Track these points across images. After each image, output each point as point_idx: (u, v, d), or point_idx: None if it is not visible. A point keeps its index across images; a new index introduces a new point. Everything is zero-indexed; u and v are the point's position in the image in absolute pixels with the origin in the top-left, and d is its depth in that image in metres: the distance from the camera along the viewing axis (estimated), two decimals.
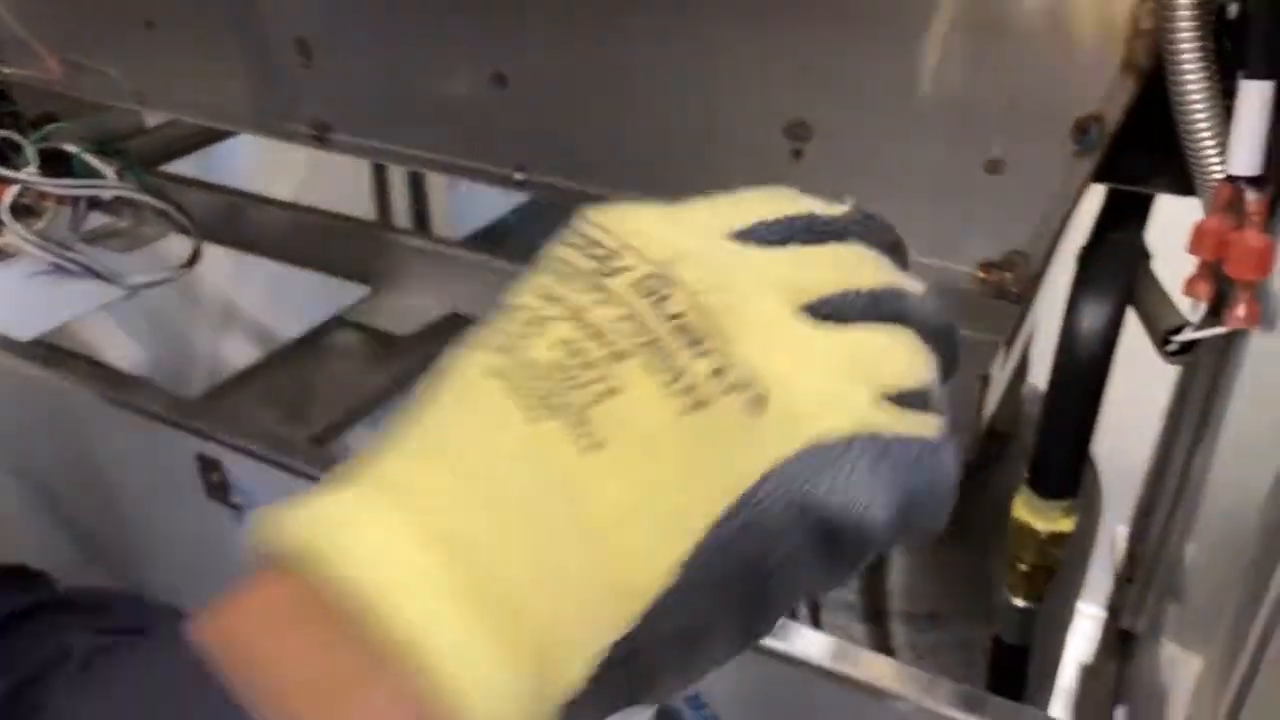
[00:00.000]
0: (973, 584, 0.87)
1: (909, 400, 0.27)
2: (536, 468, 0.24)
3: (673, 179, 0.58)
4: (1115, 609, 1.43)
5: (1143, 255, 0.52)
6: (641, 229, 0.27)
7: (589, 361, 0.25)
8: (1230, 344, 0.47)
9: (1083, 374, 0.50)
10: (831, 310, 0.28)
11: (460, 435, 0.25)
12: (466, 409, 0.25)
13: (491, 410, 0.25)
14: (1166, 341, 0.41)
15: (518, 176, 0.63)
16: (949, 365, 0.31)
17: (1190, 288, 0.39)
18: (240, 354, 0.84)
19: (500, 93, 0.61)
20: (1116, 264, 0.51)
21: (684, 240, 0.27)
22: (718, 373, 0.25)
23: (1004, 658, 0.61)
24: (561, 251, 0.28)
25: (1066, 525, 0.55)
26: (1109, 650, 1.43)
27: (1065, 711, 1.36)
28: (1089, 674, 1.42)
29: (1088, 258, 0.52)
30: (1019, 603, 0.59)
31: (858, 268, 0.29)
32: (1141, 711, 1.13)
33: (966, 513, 0.76)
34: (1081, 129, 0.47)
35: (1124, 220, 0.54)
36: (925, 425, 0.27)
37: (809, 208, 0.30)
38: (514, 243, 1.12)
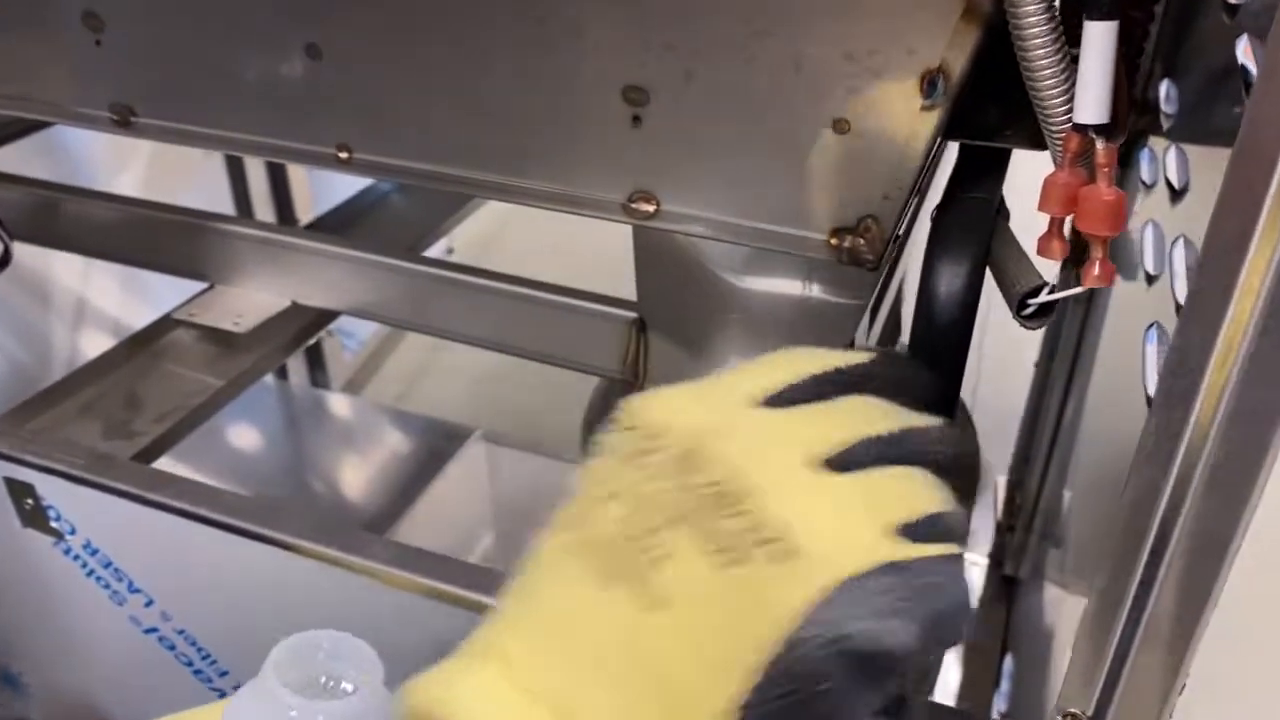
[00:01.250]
0: None
1: (924, 528, 0.31)
2: (610, 626, 0.29)
3: (509, 151, 0.54)
4: (998, 556, 1.47)
5: (1000, 214, 0.50)
6: (674, 411, 0.33)
7: (643, 532, 0.30)
8: (1094, 292, 0.46)
9: (941, 341, 0.48)
10: (849, 459, 0.32)
11: (547, 604, 0.31)
12: (549, 581, 0.31)
13: (571, 580, 0.30)
14: (1023, 306, 0.39)
15: (341, 156, 0.58)
16: (969, 487, 0.36)
17: (1043, 247, 0.37)
18: (59, 363, 0.76)
19: (315, 66, 0.55)
20: (971, 223, 0.49)
21: (712, 416, 0.32)
22: (750, 531, 0.29)
23: None
24: (611, 440, 0.34)
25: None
26: (994, 597, 1.46)
27: (955, 661, 1.38)
28: (977, 621, 1.44)
29: (941, 218, 0.50)
30: None
31: (870, 417, 0.34)
32: (1028, 657, 1.15)
33: None
34: (928, 81, 0.44)
35: (979, 177, 0.52)
36: (939, 550, 0.31)
37: (832, 362, 0.36)
38: (376, 216, 1.05)
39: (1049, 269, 0.41)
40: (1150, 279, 0.68)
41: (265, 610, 0.60)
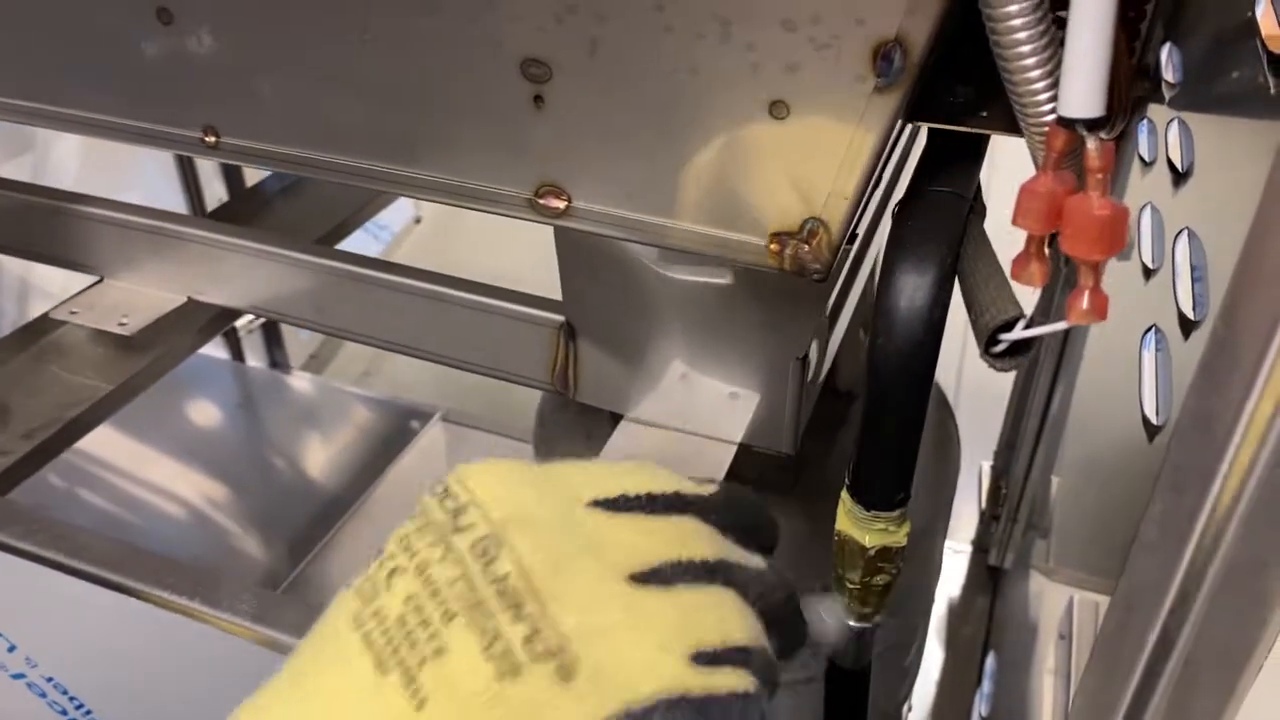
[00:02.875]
0: (827, 554, 0.79)
1: (727, 657, 0.29)
2: (376, 717, 0.27)
3: (394, 135, 0.45)
4: (982, 545, 1.40)
5: (974, 212, 0.42)
6: (492, 487, 0.30)
7: (425, 619, 0.28)
8: None
9: (903, 366, 0.40)
10: (660, 577, 0.30)
11: (316, 681, 0.28)
12: (328, 655, 0.29)
13: (348, 657, 0.28)
14: (993, 341, 0.31)
15: (208, 140, 0.49)
16: (791, 633, 0.36)
17: (1018, 271, 0.29)
18: None
19: (170, 32, 0.47)
20: (937, 225, 0.41)
21: (529, 503, 0.30)
22: (530, 639, 0.27)
23: (841, 687, 0.52)
24: (426, 501, 0.31)
25: (897, 538, 0.46)
26: (977, 587, 1.40)
27: (937, 653, 1.33)
28: (958, 614, 1.39)
29: (902, 217, 0.42)
30: (852, 622, 0.50)
31: (691, 539, 0.32)
32: (1011, 658, 1.09)
33: (815, 479, 0.67)
34: (882, 56, 0.36)
35: (948, 167, 0.44)
36: (738, 681, 0.29)
37: (676, 486, 0.34)
38: (305, 193, 0.97)
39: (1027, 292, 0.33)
40: (1148, 272, 0.61)
41: (137, 661, 0.52)
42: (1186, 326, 0.45)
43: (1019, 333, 0.30)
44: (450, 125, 0.44)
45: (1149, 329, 0.54)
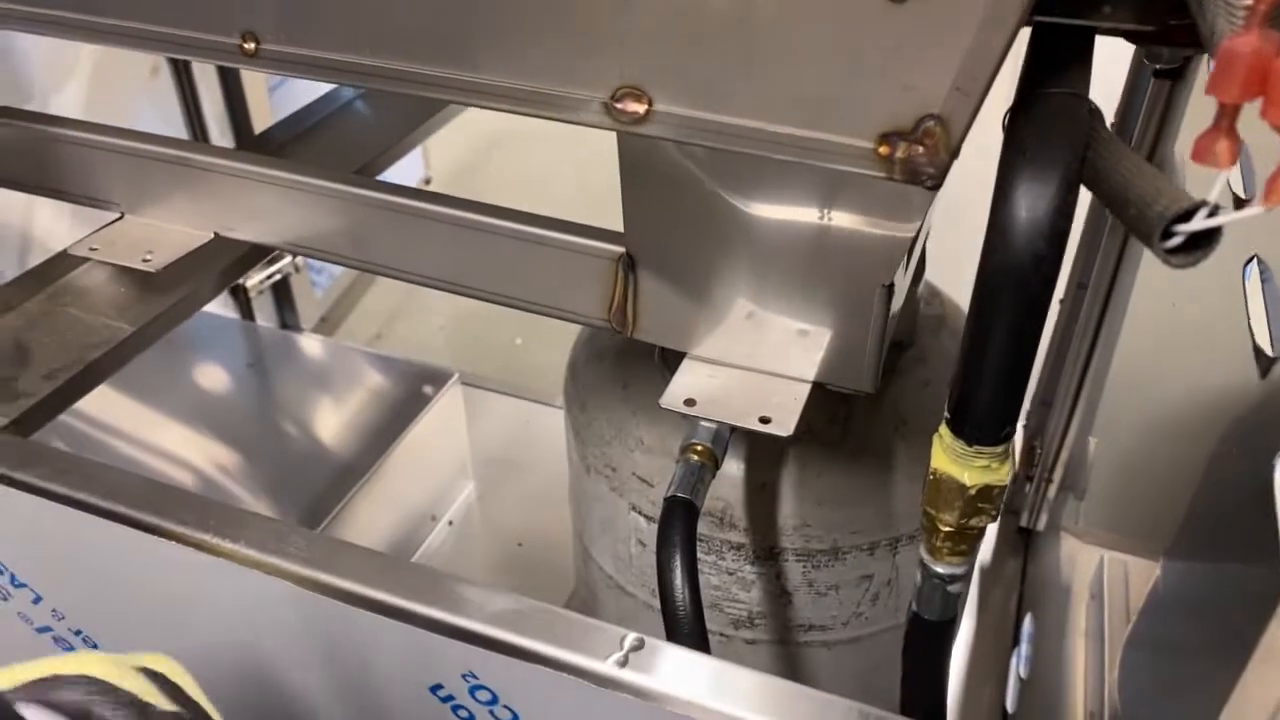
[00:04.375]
0: (875, 511, 0.76)
1: None
2: None
3: (455, 35, 0.42)
4: (1013, 507, 1.38)
5: (1093, 114, 0.38)
6: None
7: None
8: None
9: (1023, 283, 0.37)
10: None
11: None
12: None
13: None
14: (1168, 234, 0.27)
15: (247, 47, 0.45)
16: None
17: (1203, 149, 0.26)
18: None
19: None
20: (1061, 127, 0.37)
21: None
22: None
23: (924, 637, 0.49)
24: None
25: (1001, 475, 0.42)
26: (1008, 549, 1.38)
27: (970, 617, 1.30)
28: (989, 576, 1.36)
29: (1018, 122, 0.38)
30: (941, 569, 0.46)
31: None
32: (1049, 620, 1.07)
33: (864, 431, 0.64)
34: None
35: (1061, 69, 0.40)
36: None
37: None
38: (331, 129, 0.93)
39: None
40: (1239, 201, 0.57)
41: (167, 607, 0.49)
42: None
43: (1202, 222, 0.26)
44: (520, 19, 0.40)
45: (1250, 259, 0.51)
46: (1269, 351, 0.45)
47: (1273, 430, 0.42)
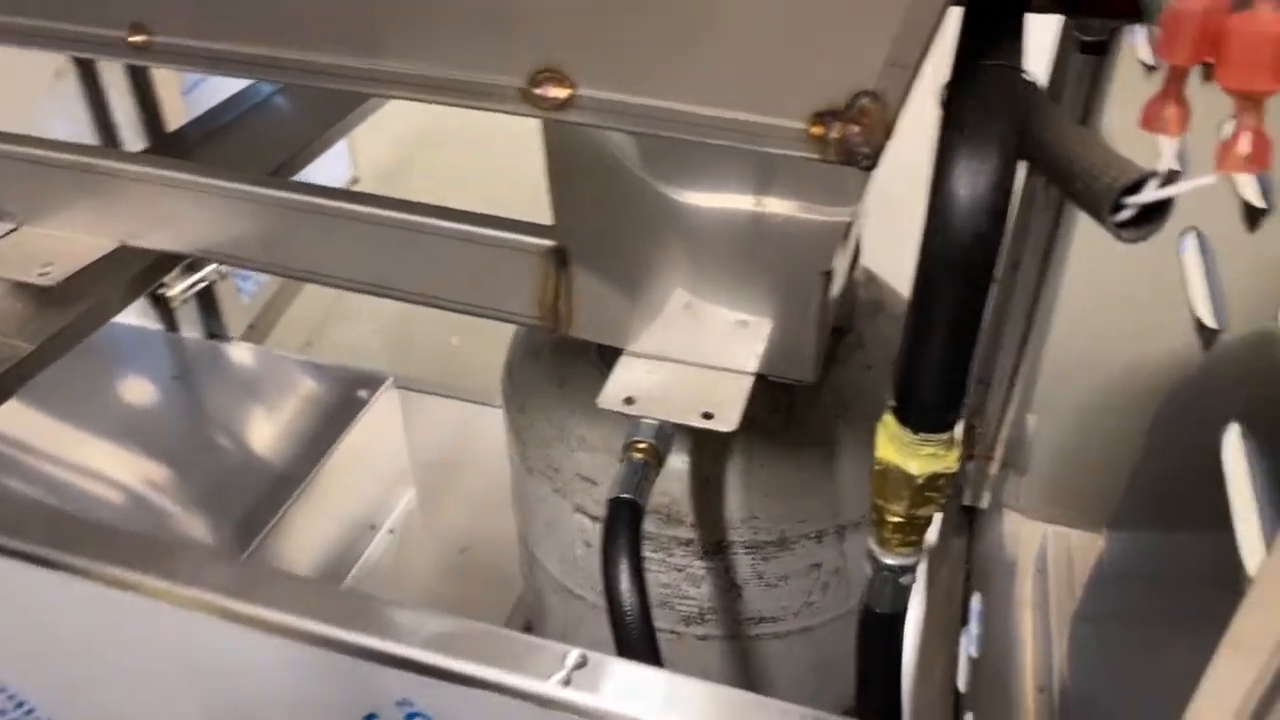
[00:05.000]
0: (822, 499, 0.75)
1: None
2: None
3: (359, 22, 0.39)
4: (957, 486, 1.39)
5: (1031, 86, 0.37)
6: None
7: None
8: None
9: (965, 264, 0.35)
10: None
11: None
12: None
13: None
14: (1118, 207, 0.26)
15: (135, 40, 0.42)
16: None
17: (1152, 115, 0.24)
18: None
19: None
20: (1000, 100, 0.36)
21: None
22: None
23: (877, 631, 0.48)
24: None
25: (949, 462, 0.41)
26: (953, 528, 1.39)
27: (919, 598, 1.31)
28: (937, 557, 1.37)
29: (956, 97, 0.37)
30: (891, 560, 0.45)
31: None
32: (993, 590, 1.08)
33: (807, 419, 0.63)
34: None
35: (996, 41, 0.39)
36: None
37: None
38: (248, 128, 0.89)
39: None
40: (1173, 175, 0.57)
41: (84, 649, 0.46)
42: (1254, 217, 0.41)
43: (1154, 193, 0.25)
44: (427, 2, 0.37)
45: (1186, 230, 0.51)
46: (1211, 324, 0.44)
47: (1218, 401, 0.42)
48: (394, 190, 0.54)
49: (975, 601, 1.19)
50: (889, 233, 0.86)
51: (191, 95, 1.58)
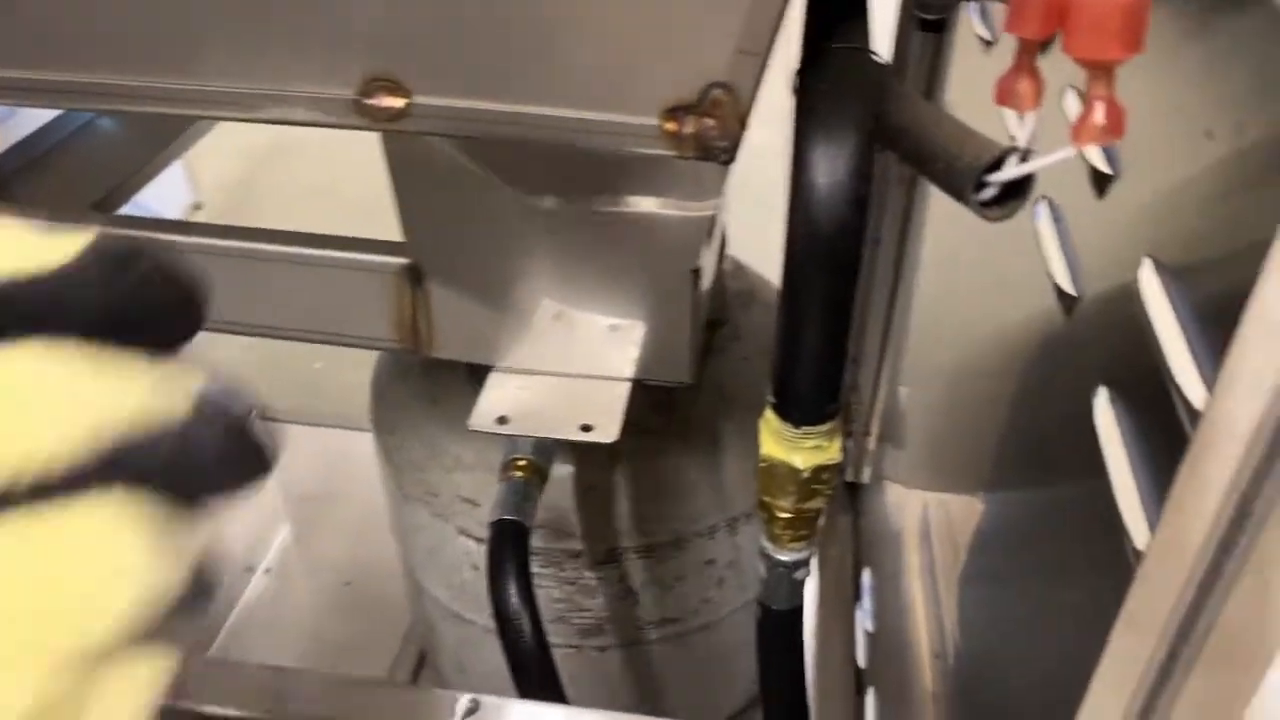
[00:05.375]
0: (711, 495, 0.74)
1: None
2: None
3: (176, 37, 0.35)
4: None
5: (881, 68, 0.36)
6: None
7: None
8: None
9: (828, 253, 0.35)
10: None
11: None
12: None
13: None
14: (980, 186, 0.25)
15: None
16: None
17: (1005, 91, 0.24)
18: None
19: None
20: (852, 86, 0.35)
21: None
22: None
23: (776, 628, 0.47)
24: None
25: (833, 453, 0.41)
26: (839, 506, 1.41)
27: (813, 580, 1.32)
28: (825, 536, 1.39)
29: (807, 84, 0.36)
30: (785, 556, 0.45)
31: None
32: (882, 563, 1.10)
33: (689, 416, 0.62)
34: None
35: (842, 23, 0.38)
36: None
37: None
38: (69, 155, 0.82)
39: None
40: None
41: None
42: (1102, 184, 0.42)
43: (1014, 170, 0.25)
44: (244, 15, 0.34)
45: (1038, 200, 0.51)
46: (1069, 290, 0.45)
47: (1085, 364, 0.43)
48: (244, 212, 0.50)
49: (866, 576, 1.21)
50: (752, 220, 0.86)
51: (9, 125, 1.47)
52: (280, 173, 2.19)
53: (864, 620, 1.12)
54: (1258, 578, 0.24)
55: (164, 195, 1.70)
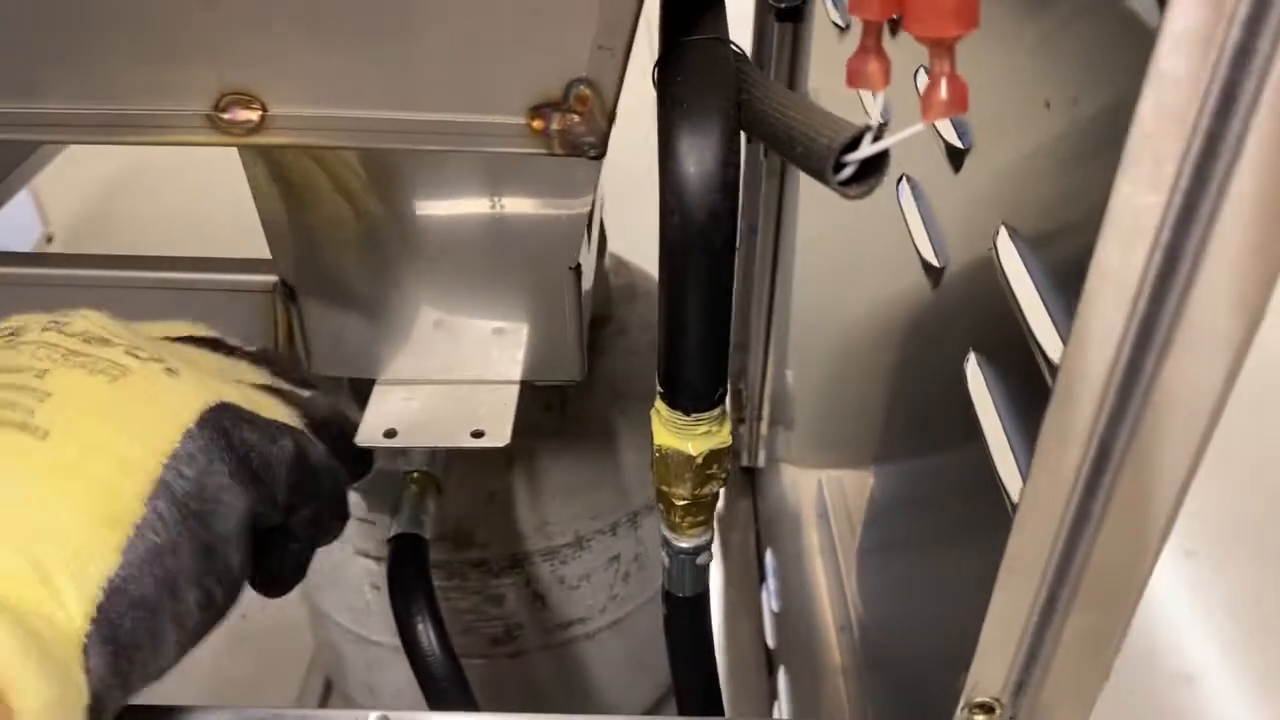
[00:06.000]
0: (610, 491, 0.75)
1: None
2: (3, 460, 0.30)
3: (11, 55, 0.34)
4: (735, 450, 1.43)
5: (739, 57, 0.37)
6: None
7: (17, 385, 0.31)
8: None
9: (702, 241, 0.35)
10: None
11: None
12: None
13: None
14: (839, 166, 0.26)
15: None
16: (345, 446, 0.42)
17: (856, 73, 0.25)
18: None
19: None
20: (711, 76, 0.36)
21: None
22: (131, 351, 0.34)
23: (683, 615, 0.47)
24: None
25: (723, 437, 0.41)
26: (737, 491, 1.43)
27: (717, 562, 1.34)
28: (726, 522, 1.41)
29: (668, 77, 0.37)
30: (685, 544, 0.45)
31: (244, 370, 0.40)
32: (783, 544, 1.12)
33: (581, 414, 0.62)
34: None
35: (697, 16, 0.39)
36: (285, 414, 0.38)
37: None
38: None
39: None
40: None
41: None
42: (956, 157, 0.43)
43: (869, 148, 0.26)
44: (85, 29, 0.33)
45: (899, 178, 0.53)
46: (934, 263, 0.47)
47: (954, 333, 0.44)
48: (99, 242, 0.48)
49: (769, 557, 1.23)
50: (628, 214, 0.86)
51: None
52: (134, 199, 2.09)
53: (769, 600, 1.14)
54: (1121, 516, 0.26)
55: (11, 228, 1.61)
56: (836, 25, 0.66)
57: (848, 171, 0.26)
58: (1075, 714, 0.30)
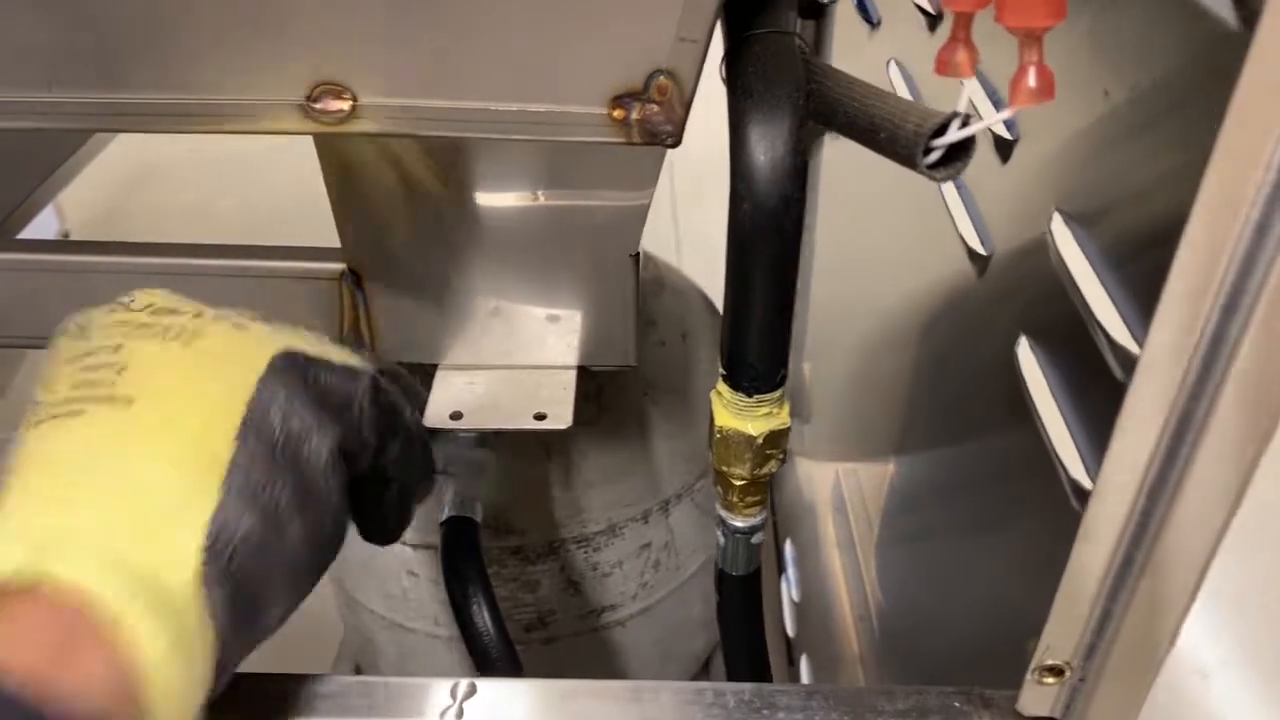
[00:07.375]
0: (643, 479, 0.76)
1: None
2: (88, 442, 0.32)
3: (104, 47, 0.35)
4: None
5: (805, 49, 0.38)
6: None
7: (95, 365, 0.34)
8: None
9: (777, 227, 0.36)
10: None
11: (44, 456, 0.32)
12: (45, 441, 0.32)
13: (57, 434, 0.32)
14: (928, 150, 0.28)
15: None
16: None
17: (945, 61, 0.26)
18: None
19: None
20: (778, 67, 0.37)
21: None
22: (199, 315, 0.36)
23: (736, 593, 0.49)
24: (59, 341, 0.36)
25: (783, 418, 0.43)
26: None
27: None
28: None
29: (737, 69, 0.38)
30: (741, 523, 0.46)
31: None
32: (801, 535, 1.13)
33: (616, 404, 0.63)
34: None
35: (762, 9, 0.40)
36: (354, 359, 0.39)
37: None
38: None
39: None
40: None
41: None
42: (1004, 149, 0.45)
43: (957, 133, 0.27)
44: (180, 21, 0.34)
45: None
46: (981, 251, 0.48)
47: (1002, 317, 0.46)
48: (116, 237, 0.49)
49: (788, 548, 1.24)
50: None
51: None
52: (147, 196, 2.10)
53: (790, 590, 1.15)
54: (1197, 485, 0.27)
55: (30, 225, 1.62)
56: (927, 14, 0.66)
57: (934, 156, 0.28)
58: (1140, 678, 0.31)
